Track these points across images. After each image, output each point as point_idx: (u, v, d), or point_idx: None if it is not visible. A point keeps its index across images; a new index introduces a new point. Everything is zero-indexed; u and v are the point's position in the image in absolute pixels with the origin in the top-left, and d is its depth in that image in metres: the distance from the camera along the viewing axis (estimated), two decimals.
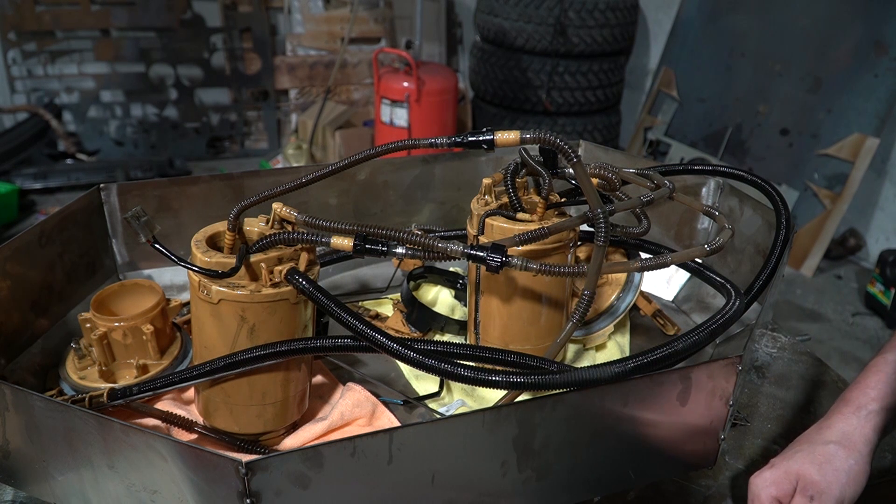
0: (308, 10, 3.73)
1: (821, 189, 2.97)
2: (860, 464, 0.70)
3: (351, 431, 0.88)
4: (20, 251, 0.89)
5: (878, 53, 2.86)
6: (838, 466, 0.69)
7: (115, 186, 1.05)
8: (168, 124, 3.81)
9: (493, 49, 3.41)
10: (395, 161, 1.21)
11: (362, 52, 3.78)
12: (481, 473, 0.72)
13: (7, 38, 3.52)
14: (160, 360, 0.92)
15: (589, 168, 0.92)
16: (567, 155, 0.69)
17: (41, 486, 0.76)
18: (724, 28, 3.33)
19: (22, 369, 0.90)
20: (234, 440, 0.85)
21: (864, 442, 0.70)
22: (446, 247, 0.71)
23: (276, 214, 0.80)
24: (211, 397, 0.83)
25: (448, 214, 1.26)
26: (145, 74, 3.72)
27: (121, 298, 0.95)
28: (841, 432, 0.71)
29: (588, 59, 3.34)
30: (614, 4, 3.27)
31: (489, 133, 0.69)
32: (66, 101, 3.74)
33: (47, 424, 0.71)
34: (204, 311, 0.79)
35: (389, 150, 0.74)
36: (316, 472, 0.63)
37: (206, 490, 0.65)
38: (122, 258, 1.10)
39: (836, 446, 0.70)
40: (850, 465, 0.69)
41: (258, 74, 3.81)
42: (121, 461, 0.69)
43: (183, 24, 3.66)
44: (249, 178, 1.11)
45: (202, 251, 0.78)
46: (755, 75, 3.18)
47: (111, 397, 0.81)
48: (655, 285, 1.23)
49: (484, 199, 0.92)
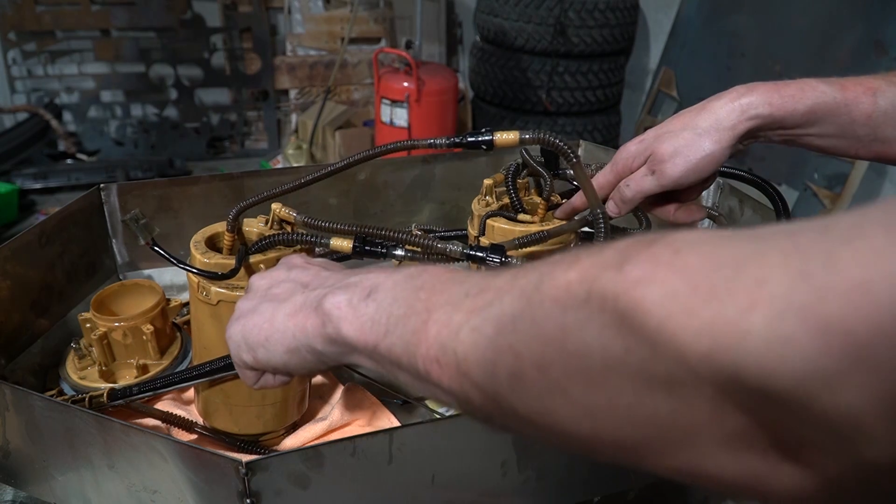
0: (308, 10, 3.73)
1: (821, 189, 2.97)
2: (715, 154, 0.72)
3: (351, 431, 0.88)
4: (20, 251, 0.90)
5: (878, 53, 2.86)
6: (692, 154, 0.72)
7: (115, 186, 1.05)
8: (168, 124, 3.81)
9: (493, 49, 3.41)
10: (395, 161, 1.21)
11: (362, 52, 3.78)
12: (481, 473, 0.72)
13: (7, 38, 3.52)
14: (160, 360, 0.92)
15: (590, 169, 0.93)
16: (566, 155, 0.69)
17: (41, 486, 0.76)
18: (724, 28, 3.33)
19: (22, 369, 0.90)
20: (234, 441, 0.85)
21: (731, 136, 0.72)
22: (446, 247, 0.71)
23: (275, 215, 0.80)
24: (210, 398, 0.83)
25: (448, 214, 1.26)
26: (145, 74, 3.72)
27: (121, 298, 0.95)
28: (714, 119, 0.72)
29: (588, 59, 3.34)
30: (614, 4, 3.27)
31: (488, 133, 0.69)
32: (66, 101, 3.74)
33: (47, 424, 0.71)
34: (203, 313, 0.79)
35: (388, 151, 0.74)
36: (316, 472, 0.64)
37: (206, 490, 0.65)
38: (122, 258, 1.10)
39: (703, 135, 0.72)
40: (705, 152, 0.72)
41: (258, 74, 3.81)
42: (121, 461, 0.69)
43: (183, 24, 3.66)
44: (249, 178, 1.11)
45: (201, 252, 0.78)
46: (755, 75, 3.17)
47: (111, 397, 0.81)
48: None
49: (485, 200, 0.92)
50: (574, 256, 0.33)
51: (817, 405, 0.24)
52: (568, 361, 0.31)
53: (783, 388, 0.24)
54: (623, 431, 0.30)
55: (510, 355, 0.33)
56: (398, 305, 0.42)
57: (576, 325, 0.30)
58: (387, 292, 0.43)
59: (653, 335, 0.27)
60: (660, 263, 0.28)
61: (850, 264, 0.23)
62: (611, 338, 0.29)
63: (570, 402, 0.31)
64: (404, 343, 0.40)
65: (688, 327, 0.26)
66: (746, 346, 0.24)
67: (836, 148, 0.72)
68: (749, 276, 0.25)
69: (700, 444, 0.28)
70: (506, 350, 0.34)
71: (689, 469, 0.30)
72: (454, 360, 0.37)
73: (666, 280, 0.28)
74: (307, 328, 0.47)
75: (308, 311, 0.48)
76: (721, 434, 0.27)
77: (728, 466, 0.28)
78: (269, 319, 0.50)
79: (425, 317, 0.39)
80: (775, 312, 0.24)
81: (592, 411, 0.31)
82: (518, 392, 0.34)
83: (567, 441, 0.33)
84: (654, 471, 0.31)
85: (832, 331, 0.23)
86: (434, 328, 0.39)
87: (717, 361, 0.25)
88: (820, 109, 0.69)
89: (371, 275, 0.46)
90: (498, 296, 0.36)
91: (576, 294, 0.31)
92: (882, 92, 0.68)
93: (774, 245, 0.26)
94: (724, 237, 0.28)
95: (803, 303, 0.23)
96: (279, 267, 0.58)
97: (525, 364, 0.33)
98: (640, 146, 0.76)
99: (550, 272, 0.33)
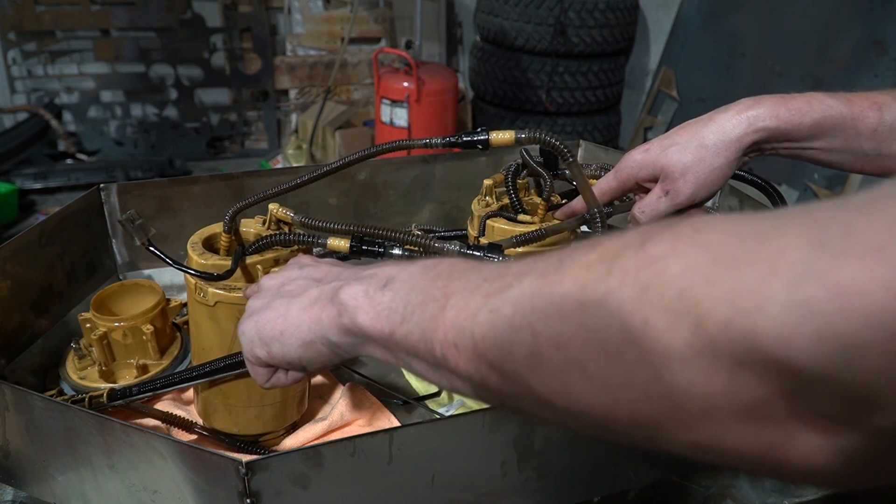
0: (308, 10, 3.73)
1: (821, 189, 2.97)
2: (723, 168, 0.72)
3: (351, 431, 0.88)
4: (20, 251, 0.90)
5: (878, 53, 2.86)
6: (701, 169, 0.72)
7: (115, 186, 1.05)
8: (168, 124, 3.81)
9: (493, 49, 3.41)
10: (395, 161, 1.21)
11: (362, 52, 3.78)
12: (481, 473, 0.72)
13: (7, 38, 3.52)
14: (160, 360, 0.92)
15: (589, 168, 0.92)
16: (563, 155, 0.69)
17: (41, 486, 0.76)
18: (724, 28, 3.33)
19: (22, 369, 0.90)
20: (234, 441, 0.85)
21: (738, 148, 0.71)
22: (443, 247, 0.71)
23: (273, 215, 0.80)
24: (210, 399, 0.83)
25: (448, 214, 1.26)
26: (145, 74, 3.72)
27: (121, 298, 0.95)
28: (721, 132, 0.71)
29: (588, 59, 3.34)
30: (614, 4, 3.27)
31: (484, 133, 0.69)
32: (66, 101, 3.74)
33: (47, 424, 0.71)
34: (201, 314, 0.79)
35: (385, 151, 0.74)
36: (316, 472, 0.64)
37: (206, 490, 0.65)
38: (122, 258, 1.10)
39: (711, 149, 0.71)
40: (714, 167, 0.71)
41: (258, 74, 3.81)
42: (121, 461, 0.69)
43: (183, 24, 3.66)
44: (249, 178, 1.11)
45: (198, 253, 0.78)
46: (755, 75, 3.18)
47: (111, 397, 0.81)
48: None
49: (485, 200, 0.92)
50: (594, 240, 0.34)
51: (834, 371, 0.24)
52: (587, 337, 0.31)
53: (801, 353, 0.24)
54: (641, 406, 0.30)
55: (528, 333, 0.34)
56: (415, 294, 0.42)
57: (595, 300, 0.31)
58: (403, 282, 0.44)
59: (672, 305, 0.28)
60: (681, 240, 0.29)
61: (865, 231, 0.24)
62: (630, 312, 0.29)
63: (587, 378, 0.32)
64: (421, 329, 0.40)
65: (707, 296, 0.27)
66: (767, 311, 0.25)
67: (841, 163, 0.72)
68: (769, 247, 0.26)
69: (717, 417, 0.28)
70: (524, 328, 0.34)
71: (707, 443, 0.30)
72: (471, 342, 0.37)
73: (687, 253, 0.28)
74: (322, 320, 0.47)
75: (323, 303, 0.48)
76: (738, 406, 0.28)
77: (745, 439, 0.28)
78: (283, 314, 0.50)
79: (443, 303, 0.40)
80: (795, 277, 0.24)
81: (610, 387, 0.31)
82: (536, 370, 0.34)
83: (583, 419, 0.34)
84: (671, 447, 0.31)
85: (849, 292, 0.23)
86: (451, 312, 0.39)
87: (737, 329, 0.26)
88: (826, 123, 0.69)
89: (387, 267, 0.47)
90: (517, 278, 0.36)
91: (596, 271, 0.31)
92: (888, 107, 0.68)
93: (793, 220, 0.26)
94: (744, 217, 0.28)
95: (822, 267, 0.24)
96: (290, 266, 0.58)
97: (543, 341, 0.33)
98: (645, 156, 0.76)
99: (571, 255, 0.34)
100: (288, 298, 0.51)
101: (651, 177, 0.76)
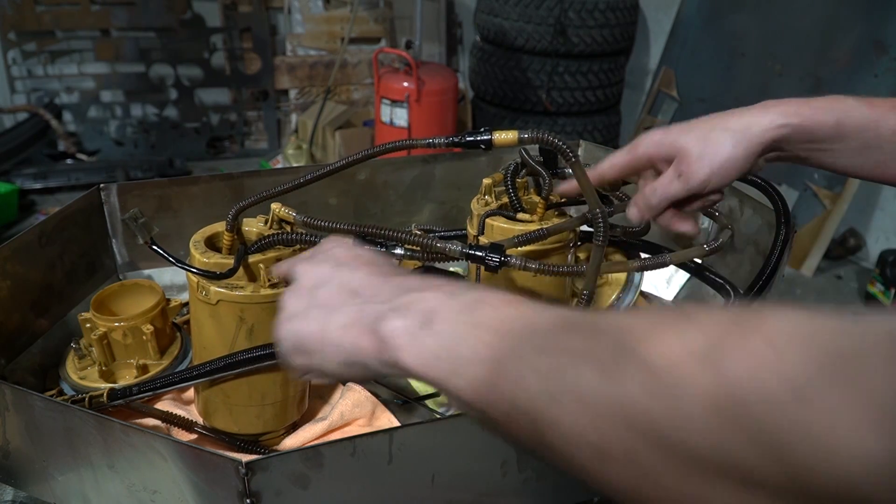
0: (308, 10, 3.73)
1: (821, 189, 2.97)
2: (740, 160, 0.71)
3: (351, 431, 0.88)
4: (20, 251, 0.90)
5: (878, 53, 2.86)
6: (719, 156, 0.71)
7: (115, 186, 1.05)
8: (168, 124, 3.81)
9: (493, 49, 3.41)
10: (395, 161, 1.21)
11: (362, 52, 3.78)
12: (481, 473, 0.72)
13: (7, 38, 3.52)
14: (160, 360, 0.92)
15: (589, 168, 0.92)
16: (565, 155, 0.69)
17: (41, 486, 0.76)
18: (724, 28, 3.33)
19: (22, 369, 0.90)
20: (234, 441, 0.85)
21: (759, 143, 0.71)
22: (445, 247, 0.71)
23: (275, 215, 0.80)
24: (210, 398, 0.83)
25: (448, 214, 1.26)
26: (145, 74, 3.72)
27: (121, 298, 0.95)
28: (745, 124, 0.71)
29: (588, 59, 3.34)
30: (614, 4, 3.27)
31: (487, 133, 0.69)
32: (66, 101, 3.74)
33: (47, 424, 0.71)
34: (202, 312, 0.79)
35: (387, 151, 0.74)
36: (316, 472, 0.64)
37: (206, 490, 0.65)
38: (122, 258, 1.09)
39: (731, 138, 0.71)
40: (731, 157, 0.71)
41: (258, 74, 3.81)
42: (121, 461, 0.69)
43: (183, 24, 3.66)
44: (249, 178, 1.11)
45: (200, 252, 0.78)
46: (755, 75, 3.18)
47: (111, 397, 0.81)
48: (655, 285, 1.22)
49: (484, 200, 0.92)
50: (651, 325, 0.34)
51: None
52: (660, 452, 0.31)
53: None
54: None
55: (595, 435, 0.34)
56: (462, 345, 0.42)
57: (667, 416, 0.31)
58: (445, 324, 0.43)
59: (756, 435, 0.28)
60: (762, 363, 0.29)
61: None
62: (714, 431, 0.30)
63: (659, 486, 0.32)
64: (474, 390, 0.41)
65: None
66: None
67: (861, 168, 0.72)
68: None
69: None
70: (590, 431, 0.34)
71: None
72: (531, 422, 0.37)
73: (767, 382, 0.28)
74: (362, 347, 0.47)
75: (362, 330, 0.47)
76: None
77: None
78: (321, 329, 0.50)
79: (494, 367, 0.39)
80: None
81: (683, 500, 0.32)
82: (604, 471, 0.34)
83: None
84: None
85: None
86: (507, 386, 0.38)
87: None
88: (848, 122, 0.69)
89: (426, 295, 0.46)
90: (572, 362, 0.36)
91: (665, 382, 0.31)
92: None
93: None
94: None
95: None
96: (324, 260, 0.55)
97: (614, 449, 0.33)
98: (664, 136, 0.75)
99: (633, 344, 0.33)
100: (325, 310, 0.50)
101: (666, 157, 0.75)
